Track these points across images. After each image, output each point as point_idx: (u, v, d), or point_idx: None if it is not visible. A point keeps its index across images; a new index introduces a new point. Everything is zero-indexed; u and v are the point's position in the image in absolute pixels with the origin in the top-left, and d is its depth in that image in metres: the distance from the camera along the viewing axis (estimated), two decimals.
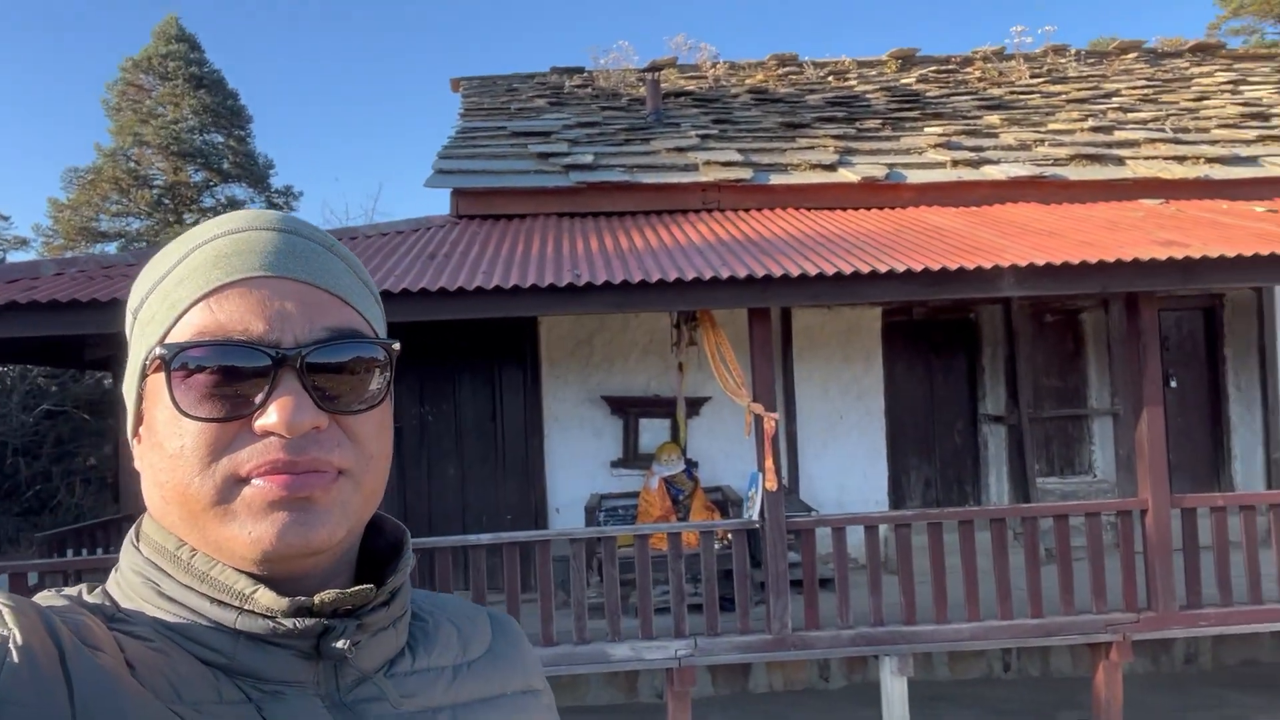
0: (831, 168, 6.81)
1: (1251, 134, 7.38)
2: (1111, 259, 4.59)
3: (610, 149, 7.28)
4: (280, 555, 0.63)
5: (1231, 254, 4.59)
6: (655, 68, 8.19)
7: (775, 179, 6.61)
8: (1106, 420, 7.35)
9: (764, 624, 5.01)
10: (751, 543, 5.32)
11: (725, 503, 6.42)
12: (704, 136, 7.61)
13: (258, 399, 0.63)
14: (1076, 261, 4.58)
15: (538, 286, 4.56)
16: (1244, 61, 10.69)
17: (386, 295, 4.43)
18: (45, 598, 0.66)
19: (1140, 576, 5.22)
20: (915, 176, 6.70)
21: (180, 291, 0.66)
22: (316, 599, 0.65)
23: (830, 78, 10.37)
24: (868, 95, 9.43)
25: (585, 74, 10.77)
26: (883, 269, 4.55)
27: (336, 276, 0.70)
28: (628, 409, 6.92)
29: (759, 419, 5.04)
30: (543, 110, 9.02)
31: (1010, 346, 7.06)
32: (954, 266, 4.53)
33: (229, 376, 0.63)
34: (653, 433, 6.96)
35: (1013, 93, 9.47)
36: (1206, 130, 7.60)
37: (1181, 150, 7.00)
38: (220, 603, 0.64)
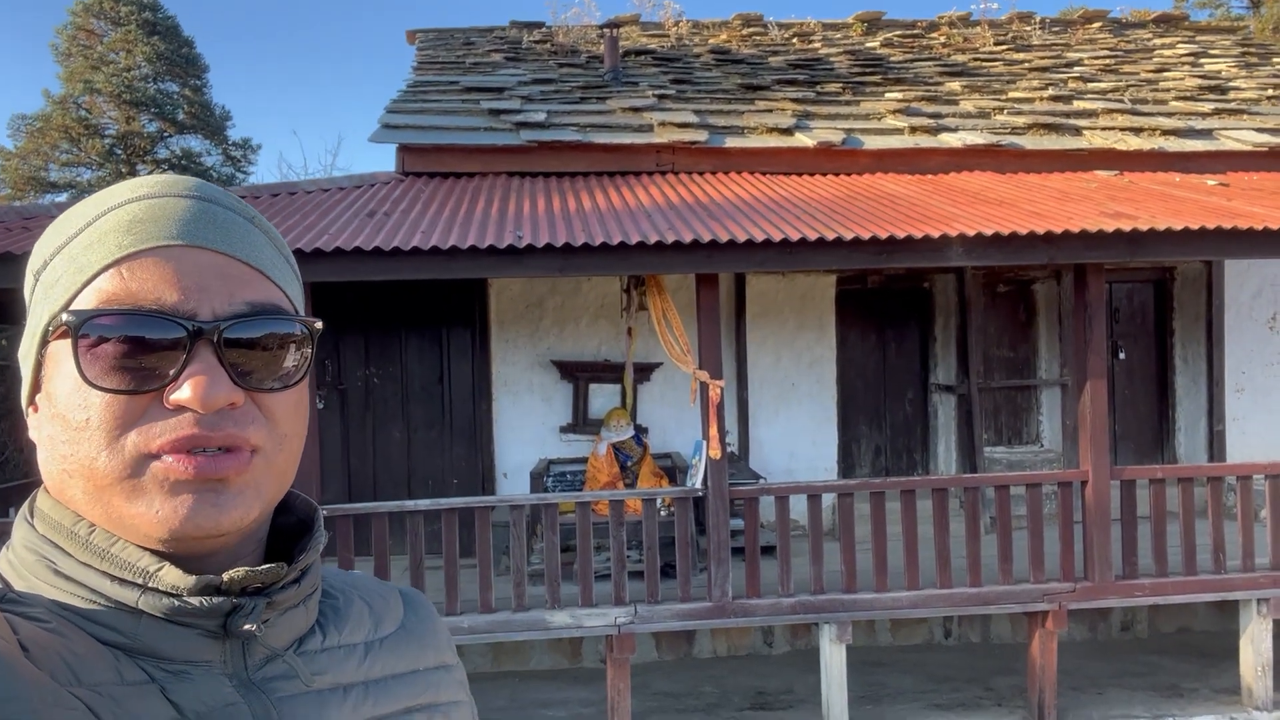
0: (788, 132, 6.71)
1: (1208, 107, 7.37)
2: (1059, 230, 4.56)
3: (564, 107, 7.10)
4: (188, 536, 0.61)
5: (1178, 227, 4.57)
6: (615, 24, 8.00)
7: (731, 142, 6.50)
8: (1055, 391, 7.40)
9: (705, 591, 4.99)
10: (697, 510, 5.30)
11: (674, 469, 6.38)
12: (661, 97, 7.45)
13: (171, 372, 0.61)
14: (1024, 232, 4.54)
15: (476, 248, 4.43)
16: (1206, 34, 10.68)
17: (318, 254, 4.29)
18: None
19: (1078, 547, 5.27)
20: (872, 143, 6.62)
21: (89, 256, 0.63)
22: (225, 577, 0.63)
23: (795, 39, 10.21)
24: (831, 58, 9.30)
25: (545, 29, 10.51)
26: (830, 236, 4.48)
27: (257, 249, 0.68)
28: (578, 374, 6.84)
29: (705, 386, 4.98)
30: (499, 66, 8.79)
31: (962, 316, 7.05)
32: (901, 235, 4.47)
33: (141, 348, 0.61)
34: (603, 398, 6.89)
35: (976, 59, 9.39)
36: (1164, 102, 7.58)
37: (1139, 122, 6.97)
38: (122, 581, 0.62)
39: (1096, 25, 10.81)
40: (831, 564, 5.18)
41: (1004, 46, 9.94)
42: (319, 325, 0.69)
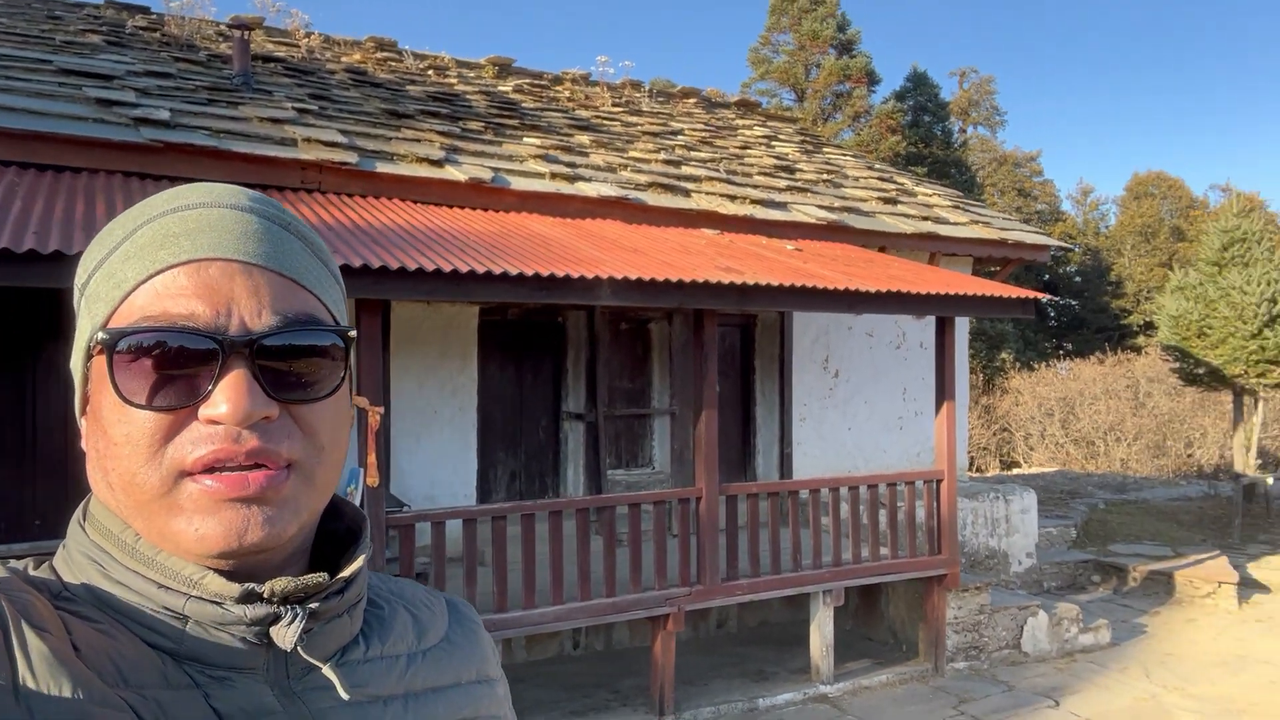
0: (439, 164, 6.84)
1: (782, 183, 8.88)
2: (688, 279, 5.26)
3: (191, 108, 6.52)
4: (226, 553, 0.62)
5: (775, 283, 5.52)
6: (243, 25, 7.50)
7: (382, 167, 6.46)
8: (665, 419, 8.34)
9: None
10: None
11: None
12: (301, 111, 7.16)
13: (205, 387, 0.61)
14: (661, 279, 5.17)
15: (36, 253, 3.80)
16: (774, 120, 12.81)
17: None
18: None
19: (693, 555, 6.03)
20: (518, 184, 6.99)
21: (125, 271, 0.64)
22: (267, 587, 0.63)
23: (431, 71, 10.36)
24: (468, 96, 9.60)
25: (152, 16, 9.49)
26: (497, 270, 4.72)
27: (291, 258, 0.67)
28: None
29: (362, 413, 4.91)
30: (99, 49, 7.77)
31: (592, 350, 7.69)
32: (561, 274, 4.85)
33: (174, 364, 0.61)
34: None
35: (598, 117, 10.30)
36: (750, 176, 8.98)
37: (734, 190, 8.19)
38: (168, 587, 0.63)
39: (692, 101, 12.43)
40: (484, 586, 5.36)
41: (619, 109, 11.02)
42: (354, 334, 0.69)
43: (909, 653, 7.22)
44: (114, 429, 0.62)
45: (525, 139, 8.25)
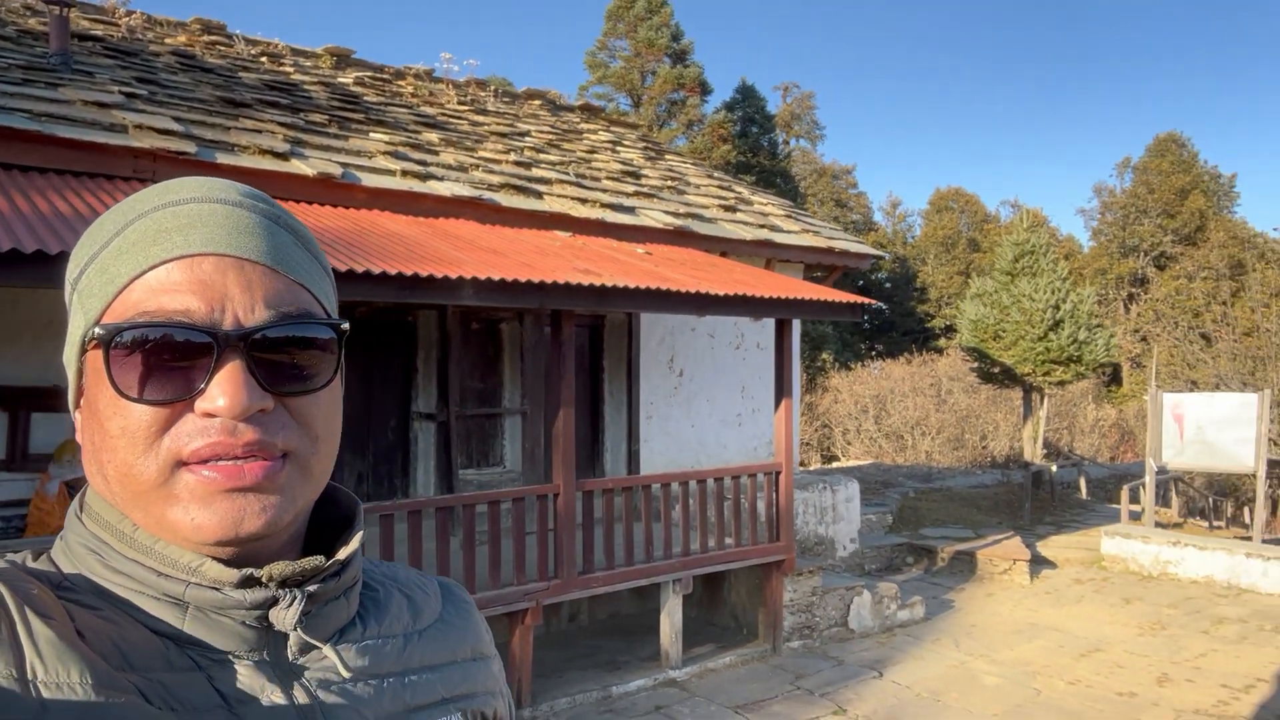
0: (284, 157, 6.62)
1: (630, 188, 9.15)
2: (550, 280, 5.39)
3: (5, 88, 6.02)
4: (224, 542, 0.63)
5: (632, 285, 5.74)
6: (64, 2, 6.97)
7: (223, 159, 6.19)
8: (516, 418, 8.42)
9: None
10: None
11: None
12: (129, 95, 6.73)
13: (200, 381, 0.62)
14: (524, 280, 5.28)
15: None
16: (617, 126, 13.10)
17: None
18: None
19: (551, 550, 6.17)
20: (368, 180, 6.88)
21: (118, 266, 0.64)
22: (265, 571, 0.65)
23: (264, 58, 9.93)
24: (307, 87, 9.29)
25: None
26: (360, 269, 4.67)
27: (283, 252, 0.68)
28: (18, 401, 5.79)
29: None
30: None
31: (443, 350, 7.66)
32: (425, 274, 4.86)
33: (170, 359, 0.62)
34: (48, 428, 5.93)
35: (444, 114, 10.21)
36: (599, 180, 9.20)
37: (584, 194, 8.37)
38: (167, 575, 0.64)
39: (537, 103, 12.51)
40: None
41: (466, 107, 10.96)
42: (346, 327, 0.70)
43: (749, 635, 7.65)
44: (110, 422, 0.63)
45: (372, 134, 8.10)
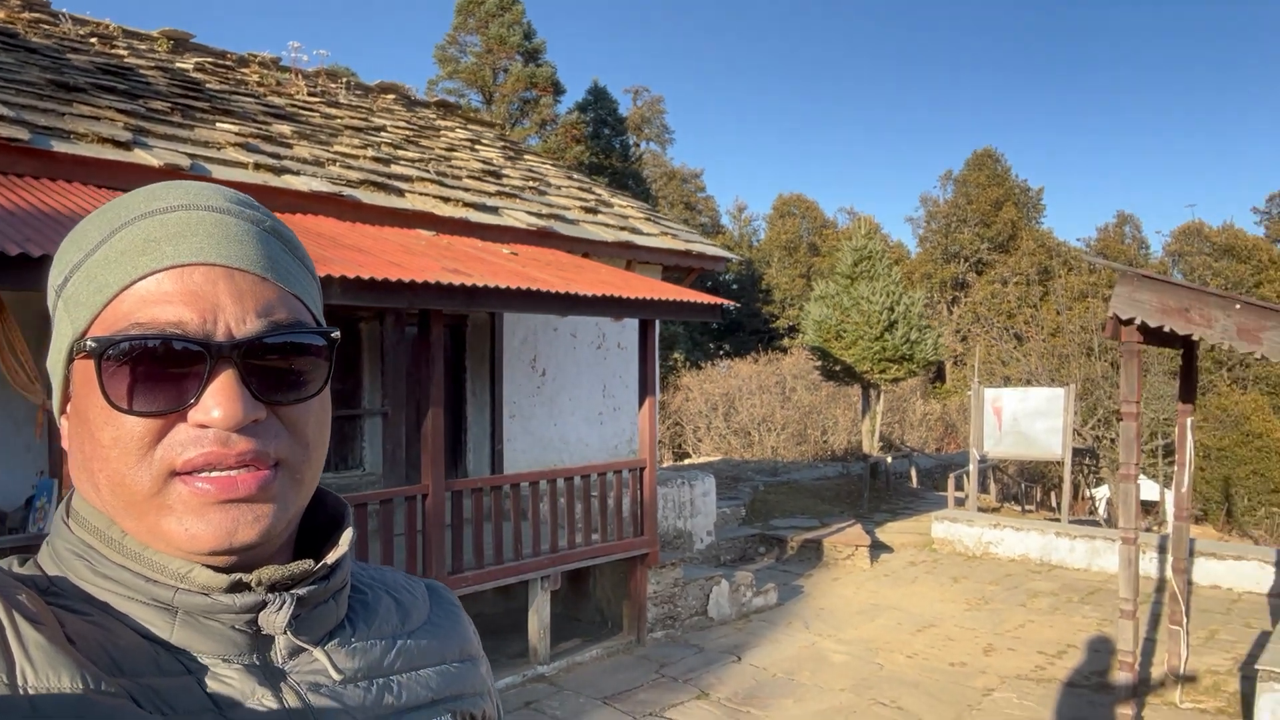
0: (126, 146, 6.26)
1: (492, 188, 9.15)
2: (420, 280, 5.37)
3: None
4: (218, 551, 0.64)
5: (503, 285, 5.79)
6: None
7: (60, 147, 5.79)
8: (376, 419, 8.26)
9: None
10: None
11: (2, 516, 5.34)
12: None
13: (193, 392, 0.62)
14: (395, 279, 5.23)
15: None
16: (474, 124, 13.00)
17: None
18: None
19: (420, 551, 6.13)
20: (219, 173, 6.59)
21: (107, 275, 0.64)
22: (254, 576, 0.65)
23: (94, 40, 9.28)
24: (144, 72, 8.76)
25: None
26: None
27: (272, 261, 0.68)
28: None
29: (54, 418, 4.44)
30: None
31: None
32: None
33: (163, 370, 0.62)
34: None
35: (294, 106, 9.85)
36: (460, 178, 9.14)
37: (446, 192, 8.31)
38: (156, 581, 0.64)
39: (391, 98, 12.24)
40: None
41: (316, 99, 10.61)
42: (336, 335, 0.71)
43: (615, 628, 7.84)
44: (102, 432, 0.63)
45: (219, 124, 7.75)
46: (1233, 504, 24.44)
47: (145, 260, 0.63)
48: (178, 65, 9.57)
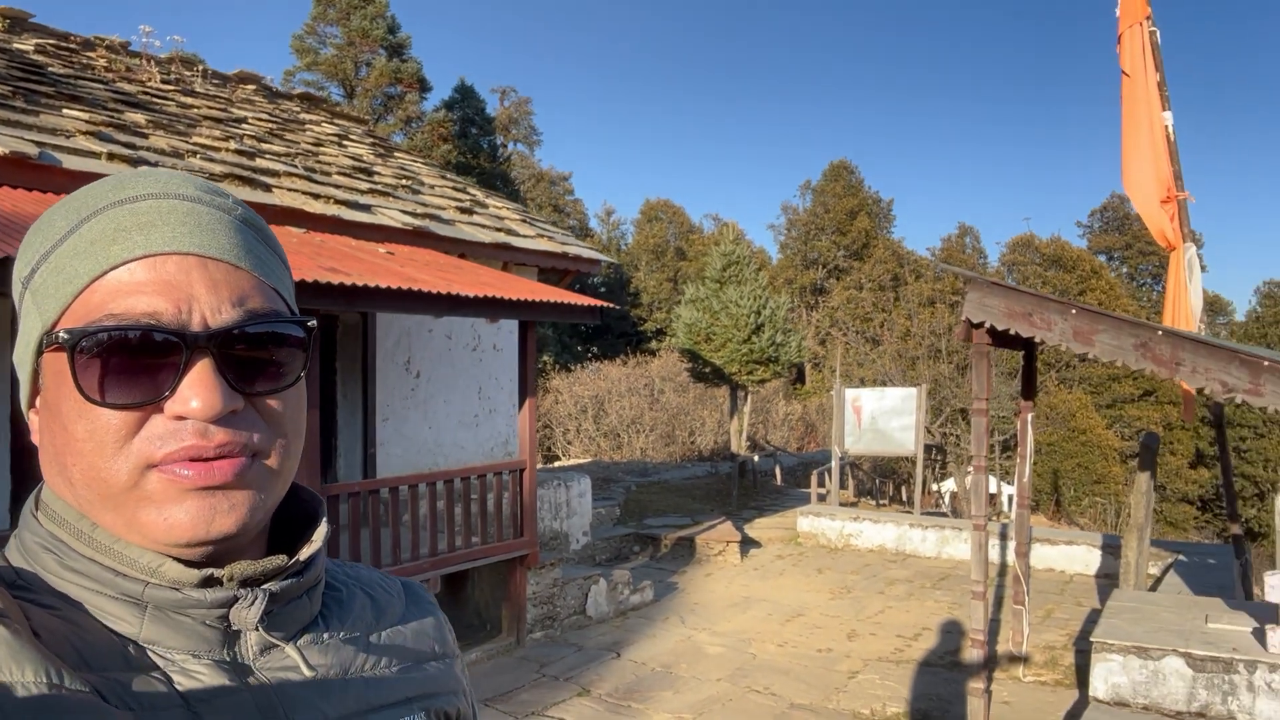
0: None
1: (364, 185, 8.94)
2: (297, 279, 5.23)
3: None
4: (196, 542, 0.63)
5: (384, 285, 5.69)
6: None
7: None
8: None
9: None
10: None
11: None
12: None
13: (169, 383, 0.61)
14: None
15: None
16: (342, 119, 12.62)
17: None
18: None
19: None
20: (70, 163, 6.18)
21: (76, 266, 0.62)
22: (226, 571, 0.64)
23: None
24: None
25: None
26: None
27: (245, 249, 0.67)
28: None
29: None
30: None
31: None
32: None
33: (138, 361, 0.61)
34: None
35: (146, 93, 9.32)
36: (330, 175, 8.88)
37: (316, 189, 8.06)
38: (126, 575, 0.63)
39: (252, 88, 11.74)
40: None
41: (171, 87, 10.06)
42: (313, 324, 0.69)
43: (494, 630, 7.81)
44: (76, 426, 0.61)
45: (66, 111, 7.25)
46: (1061, 494, 26.61)
47: (116, 250, 0.62)
48: (16, 46, 8.88)
